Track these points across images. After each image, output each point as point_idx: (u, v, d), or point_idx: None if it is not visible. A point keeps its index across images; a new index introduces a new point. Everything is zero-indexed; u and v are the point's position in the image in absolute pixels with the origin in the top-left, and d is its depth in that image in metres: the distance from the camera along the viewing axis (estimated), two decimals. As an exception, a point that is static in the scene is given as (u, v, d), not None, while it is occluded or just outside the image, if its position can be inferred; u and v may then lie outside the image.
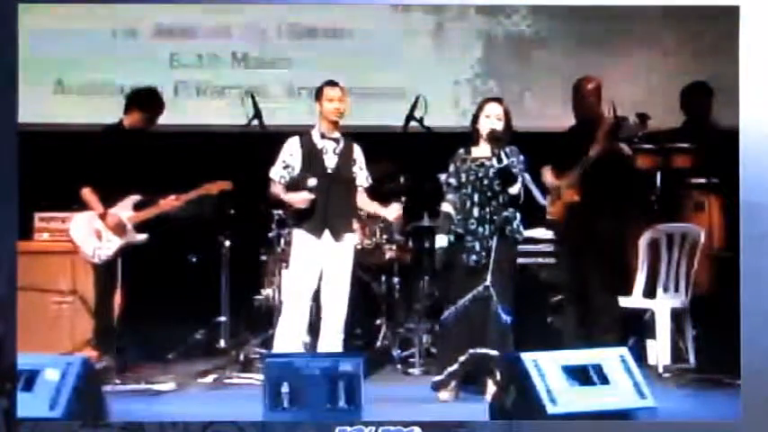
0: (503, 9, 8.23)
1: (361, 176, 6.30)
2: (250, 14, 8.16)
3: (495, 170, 5.84)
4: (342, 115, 6.16)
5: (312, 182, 6.05)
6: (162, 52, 8.20)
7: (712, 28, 7.74)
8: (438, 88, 7.79)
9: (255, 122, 6.68)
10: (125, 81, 7.60)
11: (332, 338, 6.10)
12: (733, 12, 4.86)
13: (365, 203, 6.38)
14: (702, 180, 6.95)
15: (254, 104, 6.64)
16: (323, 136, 6.18)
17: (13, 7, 4.71)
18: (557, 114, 6.81)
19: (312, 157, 6.15)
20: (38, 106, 7.63)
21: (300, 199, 6.06)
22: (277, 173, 6.18)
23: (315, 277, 6.10)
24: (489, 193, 5.91)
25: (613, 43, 8.16)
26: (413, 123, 6.78)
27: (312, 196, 6.03)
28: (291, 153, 6.17)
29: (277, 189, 6.19)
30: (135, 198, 6.61)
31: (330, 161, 6.17)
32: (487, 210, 5.89)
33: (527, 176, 6.55)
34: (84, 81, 8.02)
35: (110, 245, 6.55)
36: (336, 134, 6.21)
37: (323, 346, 6.11)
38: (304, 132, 6.22)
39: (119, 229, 6.55)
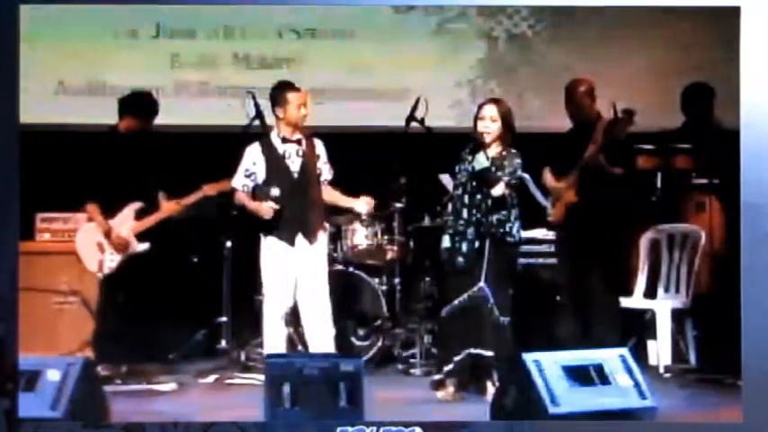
0: (503, 9, 8.23)
1: (325, 170, 6.19)
2: (251, 14, 8.15)
3: (474, 172, 5.83)
4: (305, 119, 6.08)
5: (275, 192, 5.94)
6: (162, 52, 8.20)
7: (713, 28, 7.73)
8: (439, 89, 7.78)
9: (257, 123, 6.67)
10: (126, 81, 7.58)
11: (322, 334, 6.02)
12: (734, 12, 4.85)
13: (332, 197, 6.26)
14: (703, 181, 6.95)
15: (256, 105, 6.63)
16: (284, 140, 6.08)
17: (14, 8, 4.71)
18: (558, 115, 6.80)
19: (275, 163, 6.04)
20: (39, 106, 7.62)
21: (265, 209, 5.96)
22: (239, 182, 6.10)
23: (291, 284, 6.02)
24: (479, 196, 5.89)
25: (614, 44, 8.15)
26: (413, 124, 6.78)
27: (276, 206, 5.93)
28: (254, 161, 6.07)
29: (241, 198, 6.11)
30: (136, 206, 6.58)
31: (294, 165, 6.07)
32: (475, 212, 5.87)
33: (528, 177, 6.55)
34: (86, 81, 8.01)
35: (113, 257, 6.53)
36: (297, 135, 6.10)
37: (315, 346, 6.04)
38: (263, 137, 6.14)
39: (123, 244, 6.53)
